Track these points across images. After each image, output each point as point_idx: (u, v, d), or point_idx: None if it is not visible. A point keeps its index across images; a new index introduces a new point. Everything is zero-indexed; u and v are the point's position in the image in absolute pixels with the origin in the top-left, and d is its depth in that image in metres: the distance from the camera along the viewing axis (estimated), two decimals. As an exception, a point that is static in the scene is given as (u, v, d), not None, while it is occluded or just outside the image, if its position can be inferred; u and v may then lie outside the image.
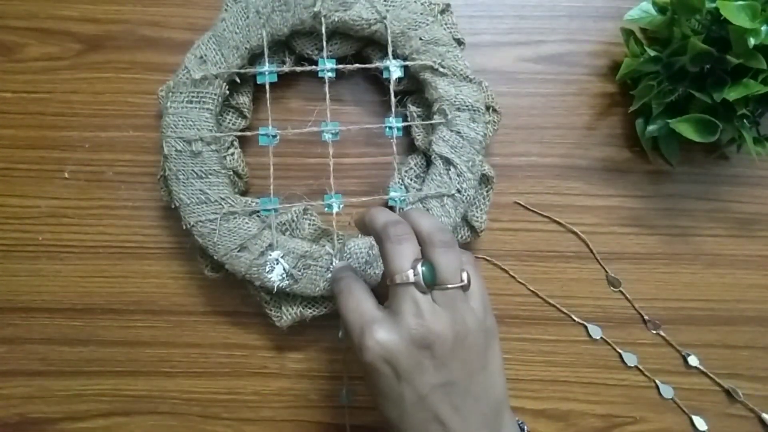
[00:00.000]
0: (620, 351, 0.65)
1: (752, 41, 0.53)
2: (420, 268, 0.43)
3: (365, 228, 0.49)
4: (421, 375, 0.43)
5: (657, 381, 0.65)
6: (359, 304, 0.45)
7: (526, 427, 0.49)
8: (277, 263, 0.57)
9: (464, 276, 0.45)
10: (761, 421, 0.65)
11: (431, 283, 0.44)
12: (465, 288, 0.45)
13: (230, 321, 0.65)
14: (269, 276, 0.57)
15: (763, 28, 0.53)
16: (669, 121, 0.59)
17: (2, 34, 0.65)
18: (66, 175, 0.65)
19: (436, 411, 0.43)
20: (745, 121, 0.58)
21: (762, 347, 0.66)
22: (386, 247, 0.44)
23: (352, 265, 0.58)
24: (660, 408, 0.65)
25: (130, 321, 0.65)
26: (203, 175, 0.56)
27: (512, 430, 0.47)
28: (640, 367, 0.65)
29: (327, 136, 0.59)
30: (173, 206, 0.58)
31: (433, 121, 0.60)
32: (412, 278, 0.43)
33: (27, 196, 0.65)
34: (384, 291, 0.46)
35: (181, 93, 0.57)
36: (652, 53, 0.60)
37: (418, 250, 0.45)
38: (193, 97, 0.57)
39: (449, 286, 0.44)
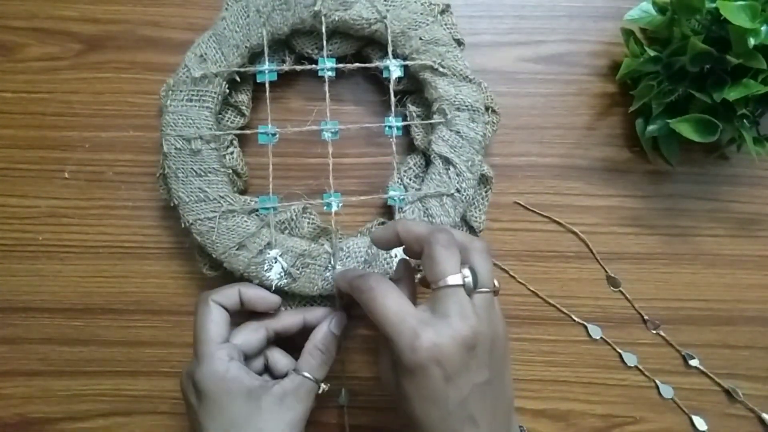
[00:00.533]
0: (620, 351, 0.65)
1: (752, 41, 0.53)
2: (467, 271, 0.46)
3: (392, 240, 0.51)
4: (466, 376, 0.44)
5: (657, 381, 0.65)
6: (401, 304, 0.46)
7: (525, 429, 0.51)
8: (276, 262, 0.57)
9: (496, 282, 0.48)
10: (761, 421, 0.65)
11: (475, 287, 0.46)
12: (495, 292, 0.48)
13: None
14: (267, 274, 0.57)
15: (763, 28, 0.53)
16: (669, 121, 0.59)
17: (2, 34, 0.65)
18: (66, 175, 0.65)
19: (472, 410, 0.44)
20: (745, 121, 0.58)
21: (762, 347, 0.66)
22: (436, 251, 0.46)
23: (350, 264, 0.58)
24: (660, 408, 0.65)
25: (130, 321, 0.64)
26: (202, 174, 0.57)
27: (516, 428, 0.50)
28: (640, 367, 0.65)
29: (326, 135, 0.59)
30: (172, 204, 0.58)
31: (432, 121, 0.60)
32: (461, 281, 0.45)
33: (27, 196, 0.65)
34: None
35: (181, 91, 0.57)
36: (652, 53, 0.60)
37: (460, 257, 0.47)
38: (192, 95, 0.57)
39: (485, 290, 0.46)
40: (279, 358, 0.58)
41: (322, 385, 0.55)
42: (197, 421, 0.51)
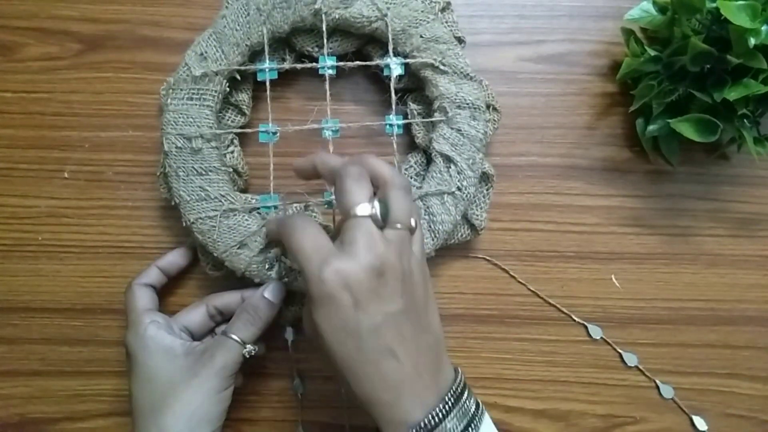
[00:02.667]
0: (620, 351, 0.65)
1: (752, 41, 0.53)
2: (377, 203, 0.46)
3: (309, 171, 0.52)
4: (377, 303, 0.44)
5: (657, 381, 0.65)
6: (316, 239, 0.46)
7: (460, 371, 0.50)
8: (277, 260, 0.57)
9: (413, 221, 0.47)
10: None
11: (384, 220, 0.46)
12: (411, 231, 0.47)
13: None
14: (269, 273, 0.57)
15: (763, 28, 0.53)
16: (669, 121, 0.59)
17: (2, 34, 0.65)
18: (66, 175, 0.65)
19: (389, 341, 0.44)
20: (745, 121, 0.58)
21: (762, 347, 0.66)
22: (345, 183, 0.46)
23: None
24: (660, 408, 0.65)
25: (130, 321, 0.64)
26: (203, 172, 0.56)
27: (449, 369, 0.49)
28: (640, 367, 0.65)
29: (327, 134, 0.59)
30: (173, 203, 0.58)
31: (433, 119, 0.60)
32: (369, 211, 0.45)
33: (27, 196, 0.64)
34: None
35: (181, 90, 0.57)
36: (653, 53, 0.60)
37: (372, 190, 0.47)
38: (193, 93, 0.57)
39: (399, 226, 0.46)
40: None
41: (248, 347, 0.55)
42: (130, 386, 0.56)
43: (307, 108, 0.65)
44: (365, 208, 0.45)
